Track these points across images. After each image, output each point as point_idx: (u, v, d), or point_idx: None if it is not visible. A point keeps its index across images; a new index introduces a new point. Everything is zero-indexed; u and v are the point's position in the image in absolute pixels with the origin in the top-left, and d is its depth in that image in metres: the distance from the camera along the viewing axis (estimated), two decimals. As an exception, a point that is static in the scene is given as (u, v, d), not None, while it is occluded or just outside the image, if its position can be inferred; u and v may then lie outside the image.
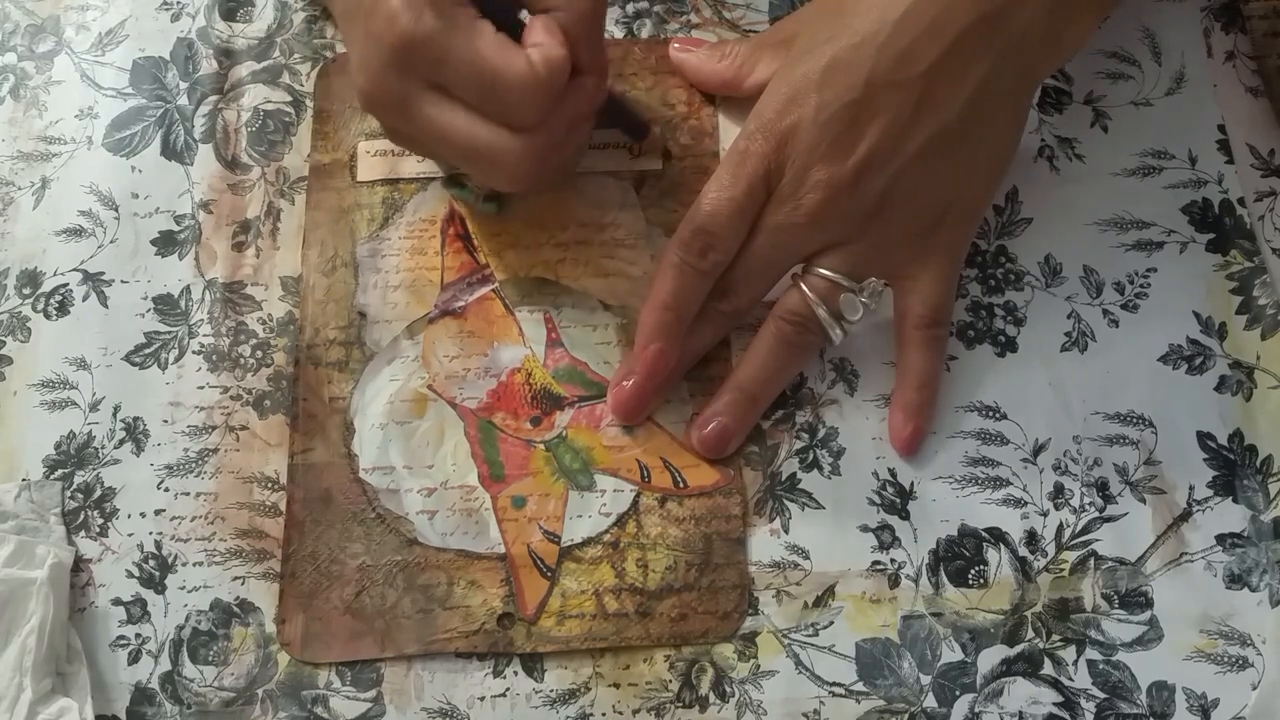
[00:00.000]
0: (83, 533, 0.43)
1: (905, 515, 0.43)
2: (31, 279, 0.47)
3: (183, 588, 0.42)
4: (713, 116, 0.49)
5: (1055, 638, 0.41)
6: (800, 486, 0.43)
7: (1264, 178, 0.48)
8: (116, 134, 0.49)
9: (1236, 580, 0.42)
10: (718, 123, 0.49)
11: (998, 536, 0.43)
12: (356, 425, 0.44)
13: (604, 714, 0.41)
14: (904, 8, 0.41)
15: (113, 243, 0.47)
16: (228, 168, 0.49)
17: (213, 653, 0.42)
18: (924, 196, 0.43)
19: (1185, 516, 0.43)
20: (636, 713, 0.41)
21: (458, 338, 0.46)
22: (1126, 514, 0.43)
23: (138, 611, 0.42)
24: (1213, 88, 0.49)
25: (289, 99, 0.50)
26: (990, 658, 0.41)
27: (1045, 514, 0.43)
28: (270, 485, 0.44)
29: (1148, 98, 0.49)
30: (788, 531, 0.43)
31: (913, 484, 0.43)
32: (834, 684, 0.41)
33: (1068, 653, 0.41)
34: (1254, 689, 0.41)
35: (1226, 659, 0.41)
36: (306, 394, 0.45)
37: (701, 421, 0.44)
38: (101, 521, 0.43)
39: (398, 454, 0.44)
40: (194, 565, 0.43)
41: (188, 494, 0.44)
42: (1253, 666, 0.41)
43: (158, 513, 0.43)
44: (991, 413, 0.44)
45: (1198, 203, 0.47)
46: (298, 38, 0.51)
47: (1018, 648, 0.41)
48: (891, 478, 0.44)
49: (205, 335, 0.46)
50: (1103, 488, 0.43)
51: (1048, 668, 0.41)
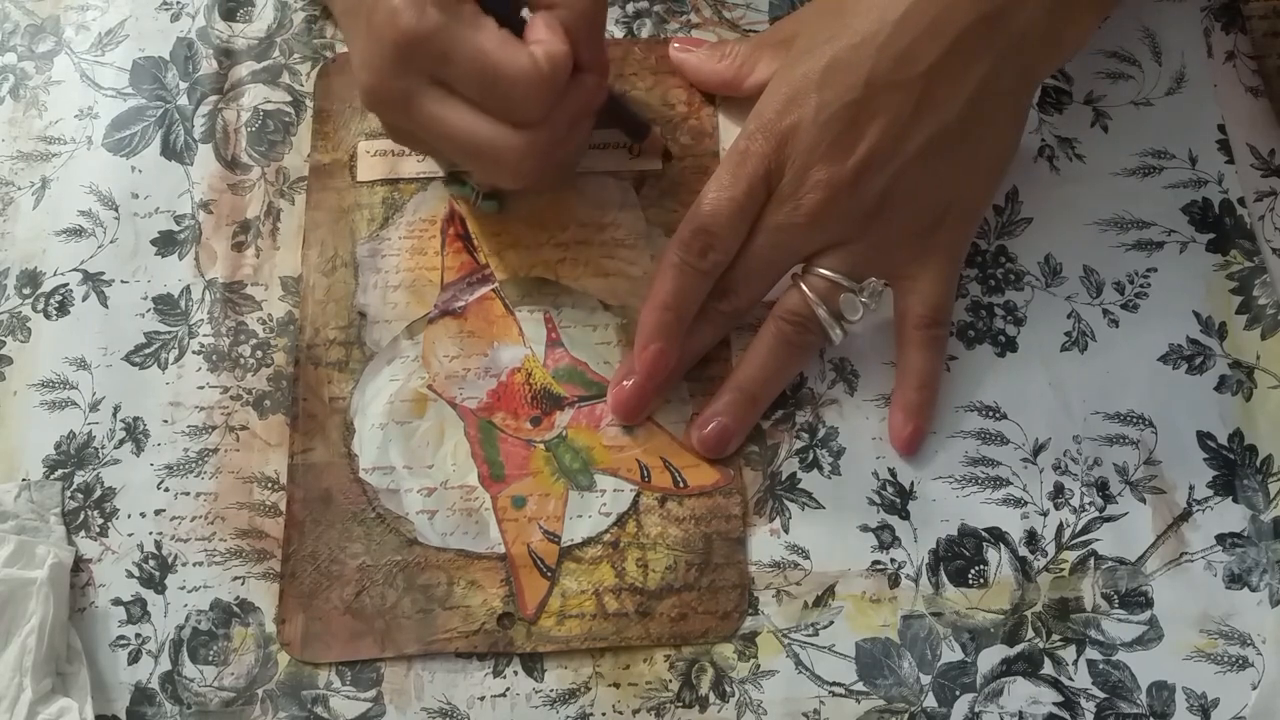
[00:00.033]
0: (83, 533, 0.43)
1: (905, 515, 0.43)
2: (31, 279, 0.47)
3: (183, 588, 0.42)
4: (713, 116, 0.49)
5: (1055, 637, 0.41)
6: (800, 486, 0.43)
7: (1264, 178, 0.48)
8: (116, 134, 0.49)
9: (1236, 580, 0.42)
10: (718, 123, 0.49)
11: (998, 536, 0.43)
12: (356, 425, 0.44)
13: (604, 714, 0.41)
14: (904, 8, 0.41)
15: (113, 243, 0.47)
16: (228, 168, 0.49)
17: (213, 653, 0.42)
18: (924, 196, 0.43)
19: (1185, 516, 0.43)
20: (636, 713, 0.41)
21: (458, 338, 0.46)
22: (1126, 514, 0.43)
23: (138, 611, 0.42)
24: (1213, 88, 0.49)
25: (289, 99, 0.50)
26: (990, 657, 0.41)
27: (1045, 514, 0.43)
28: (270, 485, 0.44)
29: (1148, 97, 0.49)
30: (788, 531, 0.43)
31: (913, 484, 0.43)
32: (834, 684, 0.41)
33: (1068, 652, 0.41)
34: (1254, 689, 0.41)
35: (1226, 659, 0.41)
36: (306, 394, 0.45)
37: (701, 421, 0.44)
38: (101, 521, 0.43)
39: (398, 454, 0.44)
40: (194, 565, 0.43)
41: (188, 494, 0.44)
42: (1253, 666, 0.41)
43: (158, 513, 0.43)
44: (991, 413, 0.44)
45: (1198, 203, 0.47)
46: (298, 38, 0.51)
47: (1018, 647, 0.41)
48: (891, 478, 0.44)
49: (205, 335, 0.46)
50: (1103, 487, 0.43)
51: (1048, 667, 0.41)
